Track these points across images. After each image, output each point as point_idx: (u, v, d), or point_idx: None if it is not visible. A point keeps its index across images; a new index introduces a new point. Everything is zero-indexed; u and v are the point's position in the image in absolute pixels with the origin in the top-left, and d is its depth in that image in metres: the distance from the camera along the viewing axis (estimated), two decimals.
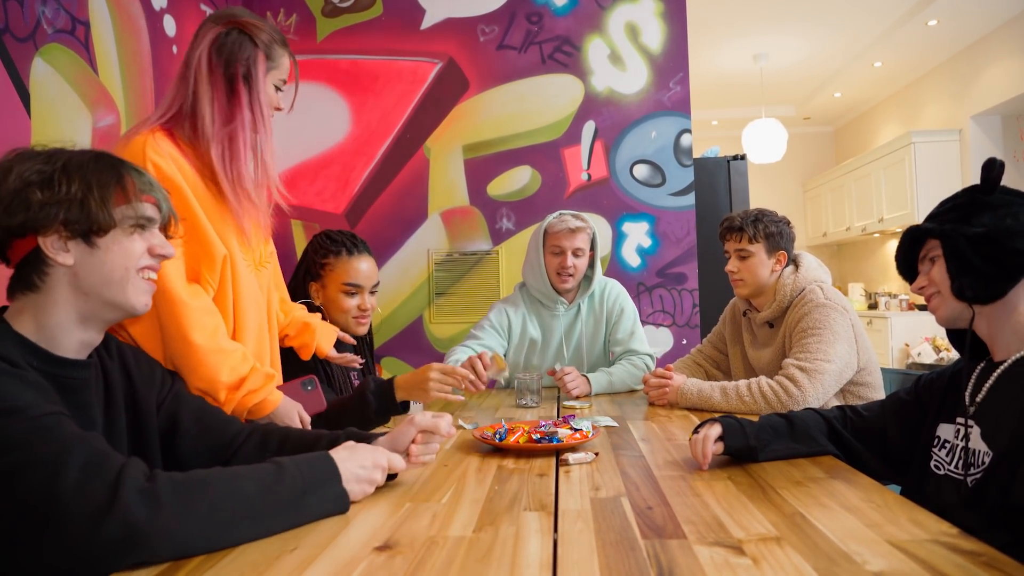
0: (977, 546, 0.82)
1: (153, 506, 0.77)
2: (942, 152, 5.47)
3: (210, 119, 1.39)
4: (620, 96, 3.26)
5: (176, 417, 1.13)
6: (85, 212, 0.93)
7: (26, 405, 0.81)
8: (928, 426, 1.26)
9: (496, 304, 2.37)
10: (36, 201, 0.91)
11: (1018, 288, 1.12)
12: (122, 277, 0.97)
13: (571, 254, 2.20)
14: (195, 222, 1.36)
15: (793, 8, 4.73)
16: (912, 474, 1.26)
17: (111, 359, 1.06)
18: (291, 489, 0.90)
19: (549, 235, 2.24)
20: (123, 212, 0.96)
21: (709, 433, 1.22)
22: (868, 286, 6.86)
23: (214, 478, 0.85)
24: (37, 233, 0.92)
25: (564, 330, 2.32)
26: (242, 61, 1.41)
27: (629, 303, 2.35)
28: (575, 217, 2.24)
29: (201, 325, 1.29)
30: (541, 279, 2.26)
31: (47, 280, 0.94)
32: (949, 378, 1.27)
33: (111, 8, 2.41)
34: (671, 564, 0.79)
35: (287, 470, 0.91)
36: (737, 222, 1.98)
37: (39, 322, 0.94)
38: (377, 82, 3.34)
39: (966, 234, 1.14)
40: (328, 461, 0.97)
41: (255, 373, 1.34)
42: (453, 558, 0.82)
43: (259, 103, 1.43)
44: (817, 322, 1.81)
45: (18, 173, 0.91)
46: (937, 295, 1.22)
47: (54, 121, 2.11)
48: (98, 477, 0.77)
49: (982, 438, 1.11)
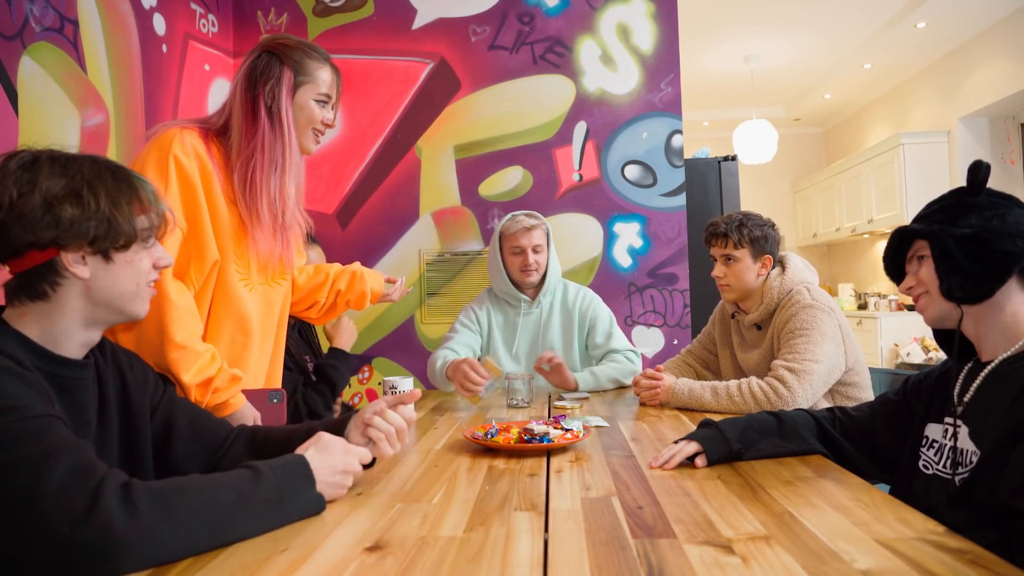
0: (963, 544, 0.82)
1: (132, 514, 0.77)
2: (931, 153, 5.51)
3: (237, 141, 1.43)
4: (611, 97, 3.27)
5: (171, 421, 1.14)
6: (113, 228, 0.94)
7: (22, 405, 0.81)
8: (916, 426, 1.27)
9: (464, 308, 2.44)
10: (67, 218, 0.90)
11: (1005, 288, 1.13)
12: (134, 292, 1.00)
13: (531, 251, 2.28)
14: (197, 221, 1.38)
15: (784, 10, 4.76)
16: (900, 473, 1.27)
17: (105, 361, 1.07)
18: (267, 495, 0.90)
19: (506, 237, 2.32)
20: (141, 224, 0.99)
21: (685, 449, 1.24)
22: (858, 286, 6.90)
23: (191, 486, 0.85)
24: (63, 248, 0.92)
25: (533, 329, 2.36)
26: (267, 84, 1.43)
27: (603, 308, 2.40)
28: (528, 216, 2.32)
29: (183, 324, 1.32)
30: (503, 280, 2.34)
31: (59, 291, 0.94)
32: (936, 378, 1.28)
33: (100, 7, 2.39)
34: (661, 563, 0.79)
35: (263, 476, 0.91)
36: (722, 228, 1.98)
37: (44, 327, 0.94)
38: (368, 82, 3.33)
39: (954, 235, 1.15)
40: (303, 466, 0.97)
41: (222, 373, 1.36)
42: (444, 558, 0.82)
43: (281, 127, 1.44)
44: (804, 323, 1.82)
45: (43, 188, 0.90)
46: (925, 295, 1.22)
47: (42, 120, 2.10)
48: (80, 484, 0.77)
49: (970, 438, 1.12)
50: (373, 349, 3.33)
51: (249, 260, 1.47)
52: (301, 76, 1.46)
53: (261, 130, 1.42)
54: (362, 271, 1.80)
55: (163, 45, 2.76)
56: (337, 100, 1.55)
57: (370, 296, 1.80)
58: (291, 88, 1.45)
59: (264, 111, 1.43)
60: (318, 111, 1.50)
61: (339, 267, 1.79)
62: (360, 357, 3.33)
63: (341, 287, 1.75)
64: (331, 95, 1.52)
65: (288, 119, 1.45)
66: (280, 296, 1.59)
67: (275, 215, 1.46)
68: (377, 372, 3.33)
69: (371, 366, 3.33)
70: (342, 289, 1.76)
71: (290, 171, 1.46)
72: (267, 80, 1.43)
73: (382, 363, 3.33)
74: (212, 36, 3.17)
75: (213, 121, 1.47)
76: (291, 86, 1.45)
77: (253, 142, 1.42)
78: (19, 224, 0.89)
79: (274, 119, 1.43)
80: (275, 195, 1.45)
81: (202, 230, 1.38)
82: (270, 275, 1.54)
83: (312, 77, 1.48)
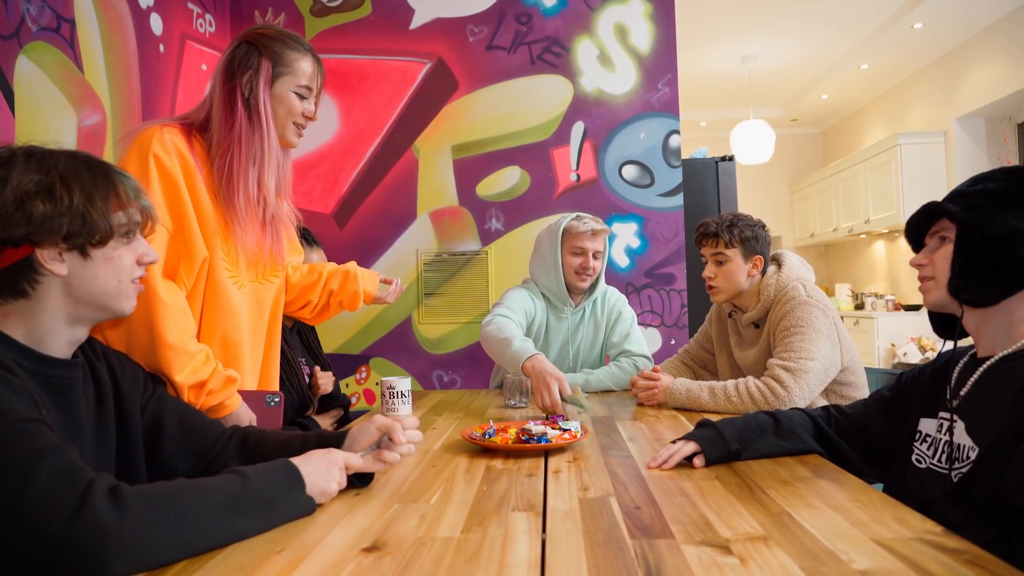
0: (961, 544, 0.83)
1: (121, 514, 0.76)
2: (928, 154, 5.52)
3: (216, 134, 1.41)
4: (609, 97, 3.27)
5: (160, 420, 1.13)
6: (88, 224, 0.92)
7: (9, 408, 0.81)
8: (910, 420, 1.27)
9: (519, 290, 2.32)
10: (39, 214, 0.89)
11: (1012, 298, 1.11)
12: (115, 289, 0.98)
13: (591, 255, 2.24)
14: (183, 219, 1.36)
15: (781, 11, 4.76)
16: (894, 468, 1.27)
17: (97, 360, 1.06)
18: (256, 497, 0.90)
19: (570, 235, 2.25)
20: (119, 219, 0.97)
21: (683, 449, 1.24)
22: (855, 286, 6.91)
23: (178, 489, 0.84)
24: (36, 245, 0.91)
25: (568, 332, 2.34)
26: (244, 75, 1.41)
27: (627, 308, 2.39)
28: (595, 220, 2.28)
29: (175, 324, 1.29)
30: (556, 279, 2.26)
31: (38, 288, 0.93)
32: (931, 373, 1.27)
33: (97, 6, 2.39)
34: (659, 564, 0.79)
35: (251, 480, 0.91)
36: (712, 228, 1.99)
37: (28, 326, 0.93)
38: (366, 82, 3.33)
39: (985, 232, 1.10)
40: (291, 469, 0.97)
41: (216, 375, 1.34)
42: (441, 559, 0.82)
43: (259, 119, 1.41)
44: (799, 320, 1.82)
45: (16, 183, 0.89)
46: (932, 281, 1.19)
47: (39, 120, 2.09)
48: (68, 484, 0.76)
49: (967, 433, 1.11)
50: (370, 349, 3.32)
51: (237, 256, 1.44)
52: (280, 67, 1.43)
53: (238, 122, 1.40)
54: (356, 271, 1.78)
55: (160, 45, 2.75)
56: (319, 92, 1.51)
57: (363, 297, 1.78)
58: (269, 79, 1.42)
59: (241, 102, 1.40)
60: (298, 103, 1.46)
61: (334, 266, 1.78)
62: (358, 357, 3.33)
63: (334, 287, 1.74)
64: (312, 87, 1.48)
65: (266, 111, 1.42)
66: (271, 294, 1.56)
67: (253, 208, 1.43)
68: (375, 372, 3.33)
69: (368, 366, 3.33)
70: (335, 289, 1.74)
71: (269, 164, 1.44)
72: (244, 71, 1.40)
73: (379, 363, 3.32)
74: (209, 36, 3.17)
75: (194, 116, 1.44)
76: (269, 77, 1.42)
77: (231, 135, 1.40)
78: None
79: (251, 111, 1.41)
80: (253, 188, 1.42)
81: (189, 228, 1.36)
82: (260, 272, 1.52)
83: (291, 68, 1.44)
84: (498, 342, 1.98)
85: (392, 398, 1.85)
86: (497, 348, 1.99)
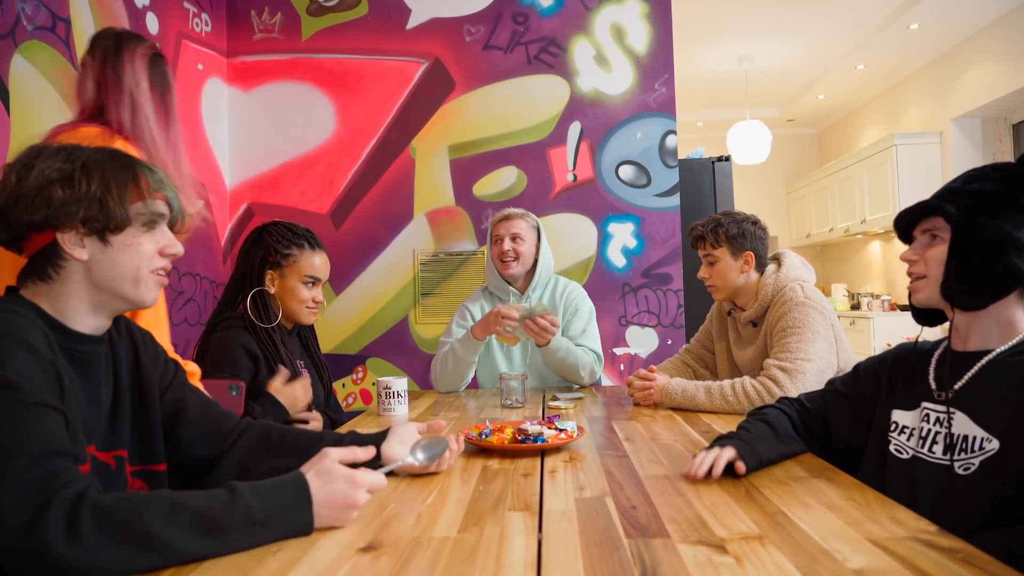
0: (955, 543, 0.83)
1: (71, 539, 0.75)
2: (923, 154, 5.54)
3: None
4: (606, 97, 3.27)
5: (182, 406, 1.15)
6: (104, 210, 0.95)
7: (25, 386, 0.82)
8: (880, 412, 1.28)
9: (459, 306, 2.47)
10: (58, 199, 0.93)
11: (1001, 301, 1.13)
12: (134, 276, 0.99)
13: (508, 239, 2.32)
14: None
15: (778, 11, 4.77)
16: (869, 460, 1.28)
17: (119, 335, 1.08)
18: (244, 518, 0.84)
19: (491, 229, 2.40)
20: (137, 209, 0.99)
21: (723, 454, 1.15)
22: (851, 287, 6.92)
23: (147, 507, 0.80)
24: (56, 229, 0.94)
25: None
26: None
27: (586, 303, 2.42)
28: (512, 209, 2.43)
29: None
30: (491, 271, 2.42)
31: (61, 272, 0.97)
32: (895, 364, 1.29)
33: (93, 5, 2.38)
34: (655, 563, 0.79)
35: (242, 499, 0.85)
36: (699, 231, 2.03)
37: (54, 307, 0.97)
38: (362, 82, 3.32)
39: (980, 237, 1.11)
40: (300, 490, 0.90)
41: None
42: (438, 559, 0.82)
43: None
44: (796, 320, 1.82)
45: (40, 170, 0.94)
46: (923, 280, 1.20)
47: (34, 119, 2.09)
48: (32, 495, 0.76)
49: (977, 424, 1.10)
50: (367, 349, 3.32)
51: None
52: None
53: None
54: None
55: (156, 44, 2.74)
56: None
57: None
58: None
59: None
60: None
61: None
62: (354, 357, 3.33)
63: None
64: None
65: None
66: None
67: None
68: (371, 372, 3.32)
69: (365, 366, 3.32)
70: None
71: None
72: None
73: (376, 363, 3.32)
74: (205, 35, 3.16)
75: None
76: None
77: None
78: (17, 206, 0.93)
79: None
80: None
81: None
82: None
83: None
84: (445, 357, 2.25)
85: (388, 398, 1.85)
86: (451, 360, 2.24)
